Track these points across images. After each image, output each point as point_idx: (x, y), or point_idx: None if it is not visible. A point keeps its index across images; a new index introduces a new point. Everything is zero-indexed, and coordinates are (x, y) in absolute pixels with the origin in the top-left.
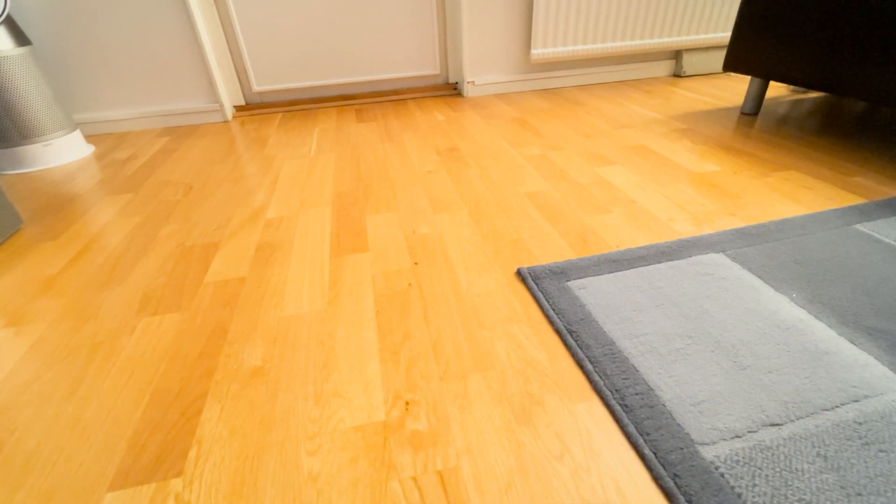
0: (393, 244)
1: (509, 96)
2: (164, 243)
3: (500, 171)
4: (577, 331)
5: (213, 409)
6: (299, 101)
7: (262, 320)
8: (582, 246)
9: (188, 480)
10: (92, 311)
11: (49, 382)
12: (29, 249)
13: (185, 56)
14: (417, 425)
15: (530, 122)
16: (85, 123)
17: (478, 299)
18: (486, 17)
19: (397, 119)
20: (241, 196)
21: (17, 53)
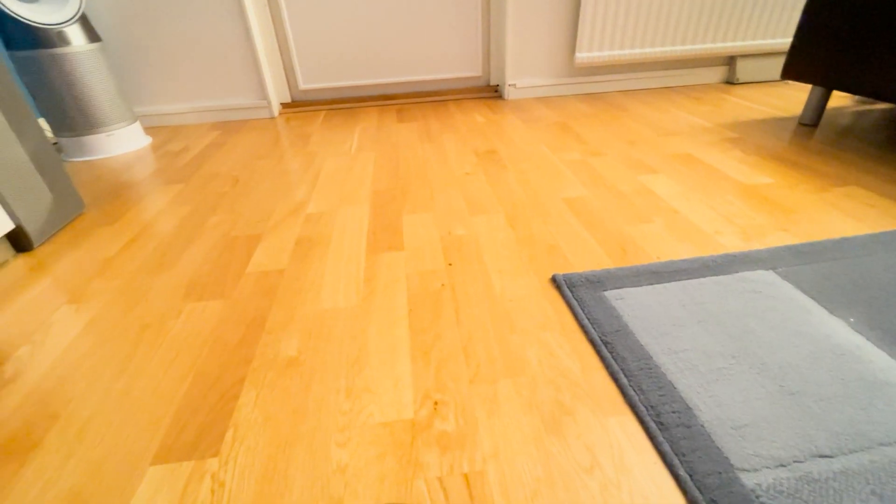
0: (428, 244)
1: (551, 100)
2: (210, 233)
3: (538, 176)
4: (612, 342)
5: (250, 394)
6: (342, 100)
7: (299, 312)
8: (620, 255)
9: (224, 461)
10: (142, 294)
11: (102, 358)
12: (89, 233)
13: (238, 54)
14: (445, 426)
15: (571, 126)
16: (144, 116)
17: (511, 304)
18: (531, 19)
19: (437, 120)
20: (284, 190)
21: (89, 49)
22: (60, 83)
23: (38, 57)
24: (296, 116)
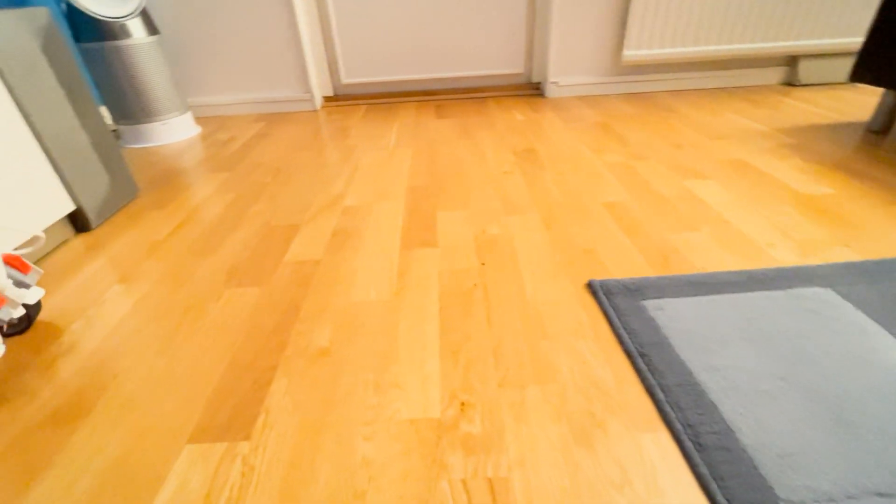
0: (462, 242)
1: (594, 99)
2: (251, 221)
3: (577, 177)
4: (649, 354)
5: (282, 381)
6: (382, 95)
7: (332, 303)
8: (662, 264)
9: (254, 445)
10: (187, 277)
11: (147, 336)
12: (141, 216)
13: (285, 48)
14: (471, 428)
15: (614, 127)
16: (195, 106)
17: (543, 308)
18: (578, 15)
19: (476, 117)
20: (323, 182)
21: (148, 42)
22: (121, 73)
23: (103, 48)
24: (337, 110)
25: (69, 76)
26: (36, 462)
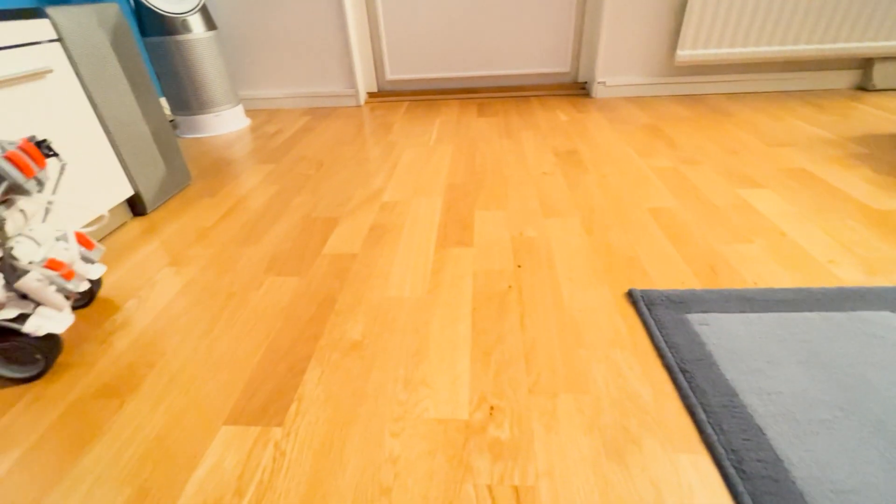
0: (498, 243)
1: (643, 100)
2: (294, 212)
3: (621, 181)
4: (691, 371)
5: (315, 371)
6: (425, 92)
7: (367, 297)
8: (710, 276)
9: (286, 432)
10: (231, 264)
11: (193, 318)
12: (193, 203)
13: (333, 44)
14: (500, 433)
15: (664, 130)
16: (246, 99)
17: (579, 315)
18: (630, 13)
19: (518, 116)
20: (363, 177)
21: (207, 36)
22: (181, 66)
23: (165, 43)
24: (380, 106)
25: (134, 69)
26: (89, 429)
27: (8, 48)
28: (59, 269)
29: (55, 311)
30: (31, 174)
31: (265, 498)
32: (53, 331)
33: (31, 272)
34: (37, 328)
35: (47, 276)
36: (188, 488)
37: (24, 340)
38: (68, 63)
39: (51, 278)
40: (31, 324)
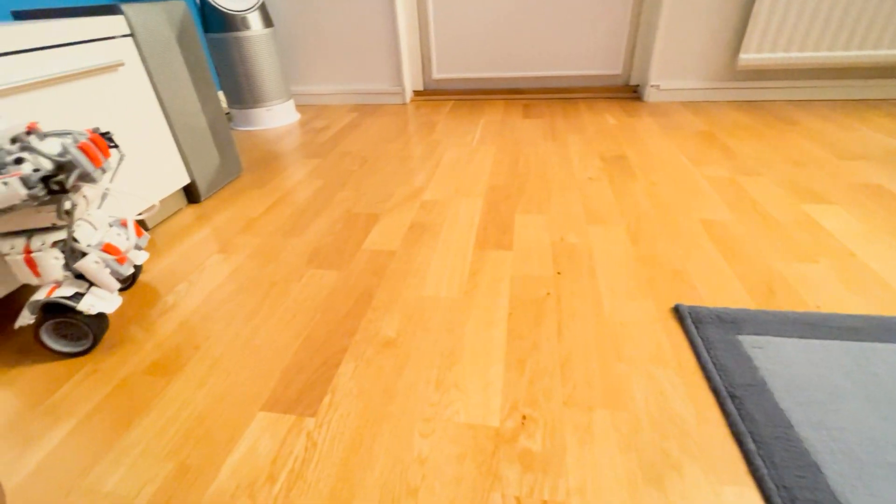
0: (538, 248)
1: (699, 105)
2: (336, 207)
3: (672, 190)
4: (741, 397)
5: (349, 365)
6: (471, 91)
7: (403, 295)
8: (766, 296)
9: (319, 423)
10: (275, 254)
11: (236, 305)
12: (243, 193)
13: (382, 43)
14: (531, 444)
15: (720, 137)
16: (297, 94)
17: (620, 327)
18: (690, 15)
19: (564, 118)
20: (405, 175)
21: (264, 33)
22: (238, 62)
23: (226, 39)
24: (425, 104)
25: (196, 63)
26: (137, 405)
27: (87, 42)
28: (114, 254)
29: (107, 293)
30: (99, 164)
31: (295, 486)
32: (104, 310)
33: (90, 254)
34: (90, 306)
35: (103, 258)
36: (224, 469)
37: (77, 317)
38: (138, 57)
39: (106, 261)
40: (86, 302)
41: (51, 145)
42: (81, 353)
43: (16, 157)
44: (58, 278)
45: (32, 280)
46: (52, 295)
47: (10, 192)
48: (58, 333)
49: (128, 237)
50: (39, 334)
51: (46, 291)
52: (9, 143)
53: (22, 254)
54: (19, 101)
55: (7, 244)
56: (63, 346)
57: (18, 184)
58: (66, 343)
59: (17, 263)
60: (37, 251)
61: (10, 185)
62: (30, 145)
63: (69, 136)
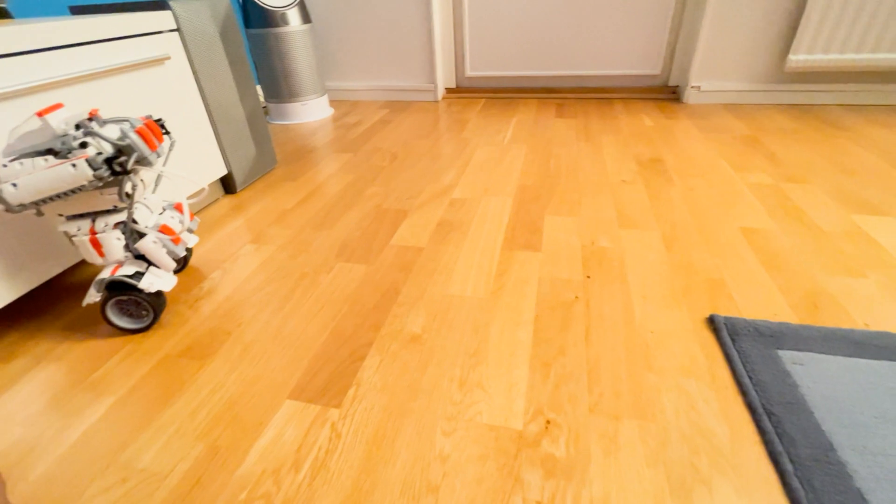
0: (567, 250)
1: (742, 108)
2: (366, 202)
3: (710, 195)
4: (779, 415)
5: (374, 359)
6: (503, 90)
7: (429, 292)
8: (809, 310)
9: (343, 415)
10: (305, 246)
11: (267, 294)
12: (276, 185)
13: (417, 40)
14: (554, 450)
15: (764, 142)
16: (331, 90)
17: (651, 336)
18: (735, 14)
19: (599, 119)
20: (435, 172)
21: (302, 29)
22: (276, 57)
23: (265, 34)
24: (457, 102)
25: (237, 57)
26: (172, 385)
27: (137, 36)
28: (169, 234)
29: (164, 272)
30: (155, 148)
31: (319, 476)
32: (162, 288)
33: (149, 234)
34: (150, 285)
35: (161, 239)
36: (252, 454)
37: (138, 295)
38: (183, 51)
39: (163, 241)
40: (146, 281)
41: (111, 130)
42: (143, 329)
43: (81, 141)
44: (120, 258)
45: (97, 260)
46: (115, 274)
47: (78, 173)
48: (121, 311)
49: (181, 220)
50: (105, 311)
51: (110, 270)
52: (73, 128)
53: (88, 235)
54: (77, 91)
55: (74, 226)
56: (126, 323)
57: (85, 165)
58: (129, 320)
59: (84, 244)
60: (101, 232)
61: (78, 166)
62: (92, 130)
63: (126, 123)
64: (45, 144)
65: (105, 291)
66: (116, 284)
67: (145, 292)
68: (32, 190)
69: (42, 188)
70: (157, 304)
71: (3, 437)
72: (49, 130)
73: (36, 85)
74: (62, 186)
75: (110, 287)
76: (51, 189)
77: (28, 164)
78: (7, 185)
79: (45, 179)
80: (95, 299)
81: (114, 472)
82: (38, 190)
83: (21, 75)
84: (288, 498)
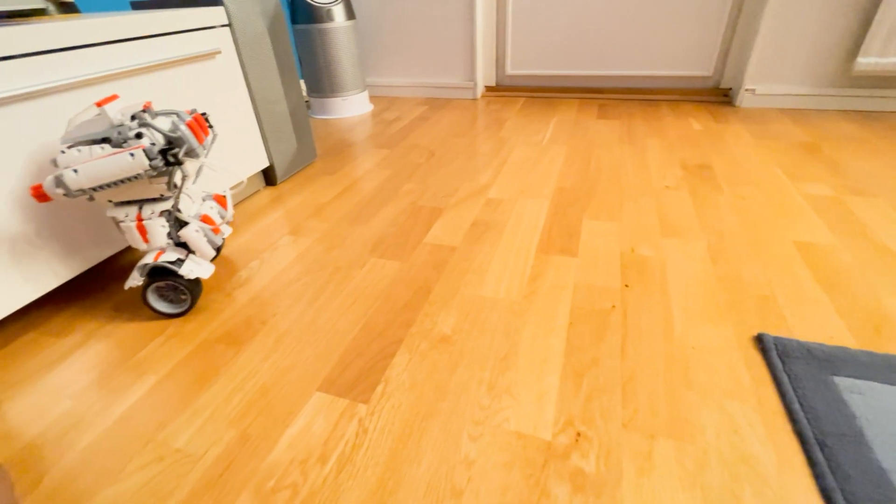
0: (605, 257)
1: (802, 113)
2: (402, 199)
3: (763, 206)
4: (832, 447)
5: (403, 356)
6: (544, 89)
7: (461, 292)
8: (871, 336)
9: (371, 411)
10: (341, 240)
11: (302, 286)
12: (315, 179)
13: (458, 37)
14: (584, 464)
15: (825, 150)
16: (371, 86)
17: (692, 352)
18: (798, 13)
19: (643, 121)
20: (471, 171)
21: (346, 25)
22: (320, 52)
23: (311, 30)
24: (496, 100)
25: (283, 52)
26: (209, 370)
27: (191, 31)
28: (210, 224)
29: (203, 260)
30: (202, 141)
31: (344, 470)
32: (201, 275)
33: (192, 223)
34: (190, 271)
35: (202, 228)
36: (281, 443)
37: (178, 281)
38: (233, 45)
39: (204, 230)
40: (186, 267)
41: (162, 122)
42: (180, 314)
43: (137, 131)
44: (163, 245)
45: (141, 245)
46: (158, 259)
47: (135, 162)
48: (160, 295)
49: (219, 211)
50: (146, 295)
51: (153, 256)
52: (129, 119)
53: (135, 221)
54: (132, 83)
55: (122, 212)
56: (164, 307)
57: (143, 155)
58: (166, 304)
59: (131, 230)
60: (147, 219)
61: (136, 156)
62: (147, 122)
63: (174, 115)
64: (101, 133)
65: (146, 276)
66: (159, 270)
67: (185, 278)
68: (92, 176)
69: (101, 175)
70: (195, 290)
71: (55, 407)
72: (106, 120)
73: (97, 76)
74: (120, 174)
75: (152, 272)
76: (110, 176)
77: (85, 151)
78: (68, 171)
79: (104, 167)
80: (138, 283)
81: (152, 450)
82: (96, 177)
83: (84, 66)
84: (314, 489)
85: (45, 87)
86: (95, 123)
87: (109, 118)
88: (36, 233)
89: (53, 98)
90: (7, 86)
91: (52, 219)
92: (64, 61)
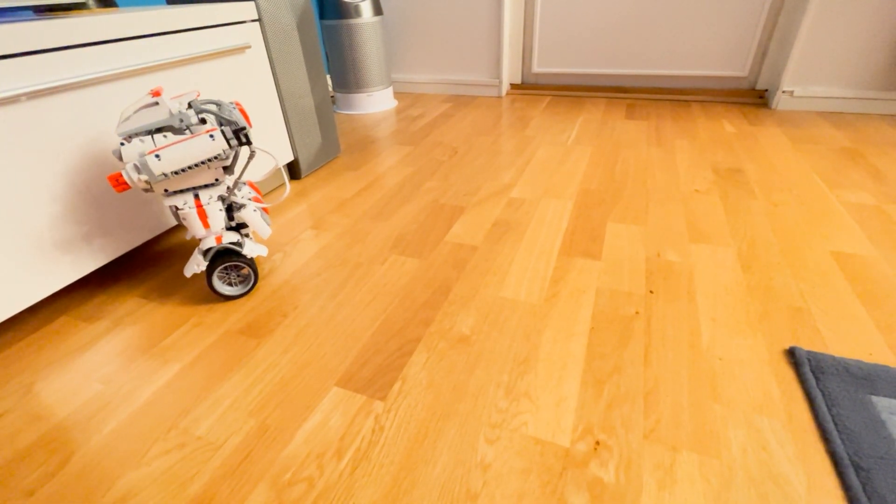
0: (630, 261)
1: (843, 117)
2: (423, 196)
3: (798, 213)
4: (868, 470)
5: (421, 355)
6: (570, 87)
7: (481, 293)
8: None
9: (387, 408)
10: (362, 236)
11: (323, 281)
12: (338, 174)
13: (485, 34)
14: (603, 474)
15: (868, 156)
16: (396, 82)
17: (720, 363)
18: (843, 9)
19: (673, 122)
20: (494, 170)
21: (373, 21)
22: (347, 48)
23: (339, 26)
24: (521, 98)
25: (311, 48)
26: (231, 359)
27: (222, 26)
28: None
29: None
30: (251, 125)
31: (360, 467)
32: (261, 254)
33: (249, 204)
34: (251, 251)
35: (258, 207)
36: (298, 436)
37: (241, 260)
38: (262, 40)
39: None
40: (247, 248)
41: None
42: (244, 294)
43: (200, 117)
44: (221, 228)
45: (201, 231)
46: (221, 242)
47: (217, 143)
48: (220, 279)
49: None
50: (212, 280)
51: (214, 240)
52: (186, 107)
53: (195, 207)
54: (167, 76)
55: (181, 199)
56: (229, 290)
57: (221, 137)
58: (230, 287)
59: (191, 216)
60: (206, 204)
61: (216, 138)
62: (205, 108)
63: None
64: (162, 122)
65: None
66: (224, 252)
67: (246, 258)
68: (175, 160)
69: (183, 158)
70: (255, 270)
71: (85, 390)
72: (165, 109)
73: (133, 69)
74: (201, 156)
75: (216, 256)
76: (191, 159)
77: (148, 141)
78: (150, 157)
79: (187, 150)
80: (202, 268)
81: (174, 437)
82: (179, 160)
83: (123, 59)
84: (329, 484)
85: (81, 79)
86: (154, 113)
87: (168, 107)
88: (74, 219)
89: (89, 90)
90: (51, 77)
91: (91, 206)
92: (101, 54)
